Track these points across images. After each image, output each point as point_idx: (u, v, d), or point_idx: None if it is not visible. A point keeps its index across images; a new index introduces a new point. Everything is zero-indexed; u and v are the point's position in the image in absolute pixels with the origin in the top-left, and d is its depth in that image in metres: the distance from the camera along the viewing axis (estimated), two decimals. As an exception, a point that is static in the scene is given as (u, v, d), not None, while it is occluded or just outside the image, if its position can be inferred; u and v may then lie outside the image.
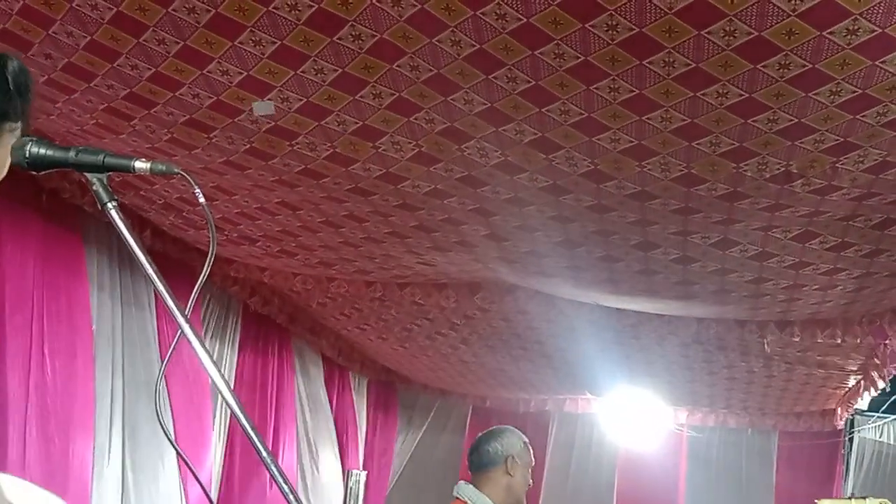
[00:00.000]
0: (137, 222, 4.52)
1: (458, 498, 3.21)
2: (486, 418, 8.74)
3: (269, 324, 6.27)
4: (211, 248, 1.37)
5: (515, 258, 4.34)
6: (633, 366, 6.35)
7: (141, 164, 1.37)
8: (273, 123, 3.10)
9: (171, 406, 4.88)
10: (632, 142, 2.94)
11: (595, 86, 2.63)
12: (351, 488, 5.92)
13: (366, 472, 6.46)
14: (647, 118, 2.78)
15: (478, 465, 3.25)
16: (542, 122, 2.89)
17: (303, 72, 2.75)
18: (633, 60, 2.47)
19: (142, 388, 4.74)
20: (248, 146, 3.33)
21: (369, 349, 7.32)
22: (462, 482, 3.27)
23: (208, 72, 2.80)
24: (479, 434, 3.41)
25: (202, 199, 1.37)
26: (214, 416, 5.52)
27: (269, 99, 2.92)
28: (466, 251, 4.31)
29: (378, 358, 7.66)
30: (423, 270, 4.79)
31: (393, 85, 2.78)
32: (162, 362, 4.86)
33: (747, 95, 2.56)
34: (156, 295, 4.80)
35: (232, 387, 5.92)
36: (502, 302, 5.10)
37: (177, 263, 4.68)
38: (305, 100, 2.92)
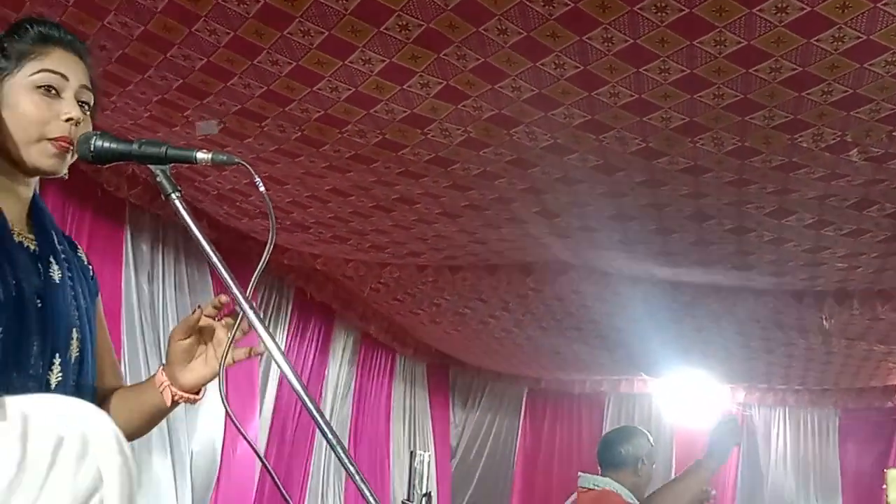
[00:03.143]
0: (192, 213, 4.59)
1: (593, 487, 3.33)
2: (541, 400, 8.78)
3: (323, 311, 6.36)
4: (271, 234, 1.40)
5: (568, 233, 4.33)
6: (688, 345, 6.31)
7: (202, 155, 1.40)
8: (323, 112, 3.13)
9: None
10: (684, 119, 2.93)
11: (645, 68, 2.62)
12: (416, 468, 5.94)
13: (430, 452, 6.54)
14: (699, 96, 2.77)
15: (609, 464, 3.37)
16: (591, 105, 2.89)
17: (350, 62, 2.77)
18: (684, 41, 2.47)
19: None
20: (299, 134, 3.36)
21: (423, 333, 7.37)
22: (595, 475, 3.36)
23: (258, 62, 2.84)
24: (610, 433, 3.65)
25: (262, 188, 1.39)
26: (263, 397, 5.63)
27: (318, 88, 2.96)
28: (518, 227, 4.30)
29: (431, 342, 7.70)
30: (475, 249, 4.80)
31: (440, 73, 2.80)
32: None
33: (801, 69, 2.54)
34: (212, 278, 4.97)
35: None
36: (555, 282, 5.11)
37: (231, 252, 4.75)
38: (354, 89, 2.95)
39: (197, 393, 1.52)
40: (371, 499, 1.24)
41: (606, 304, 5.50)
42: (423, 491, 1.59)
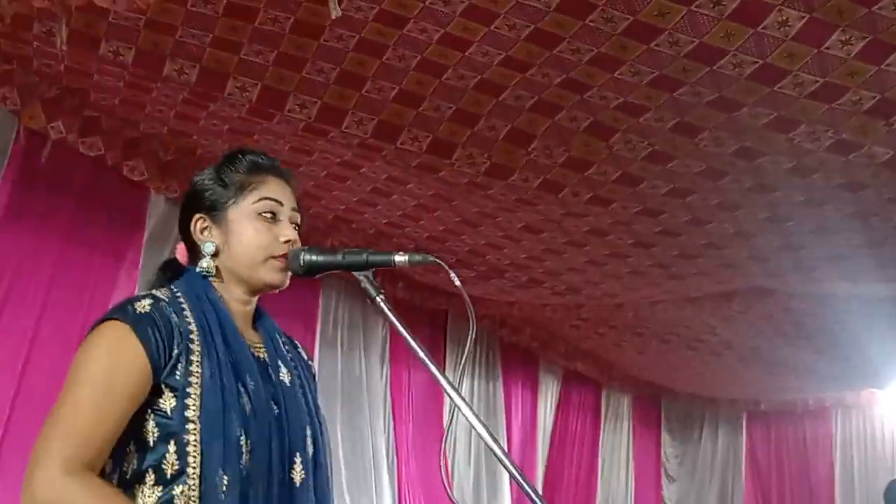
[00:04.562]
0: (390, 277, 4.78)
1: None
2: (763, 423, 8.38)
3: (527, 354, 6.41)
4: (472, 325, 1.46)
5: (768, 255, 4.14)
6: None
7: (400, 258, 1.49)
8: (509, 126, 3.07)
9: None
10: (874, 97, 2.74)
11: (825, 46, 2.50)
12: None
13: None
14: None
15: None
16: (774, 101, 2.78)
17: (531, 75, 2.76)
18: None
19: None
20: (487, 163, 3.32)
21: (628, 365, 7.25)
22: None
23: (445, 79, 2.81)
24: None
25: (458, 282, 1.46)
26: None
27: (503, 98, 2.90)
28: (715, 253, 4.16)
29: (638, 373, 7.56)
30: (673, 287, 4.70)
31: (616, 90, 2.77)
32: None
33: None
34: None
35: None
36: (761, 304, 4.91)
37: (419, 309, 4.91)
38: (537, 97, 2.89)
39: None
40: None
41: (819, 319, 5.22)
42: None
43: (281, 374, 1.58)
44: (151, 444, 1.41)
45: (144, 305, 1.46)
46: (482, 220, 3.97)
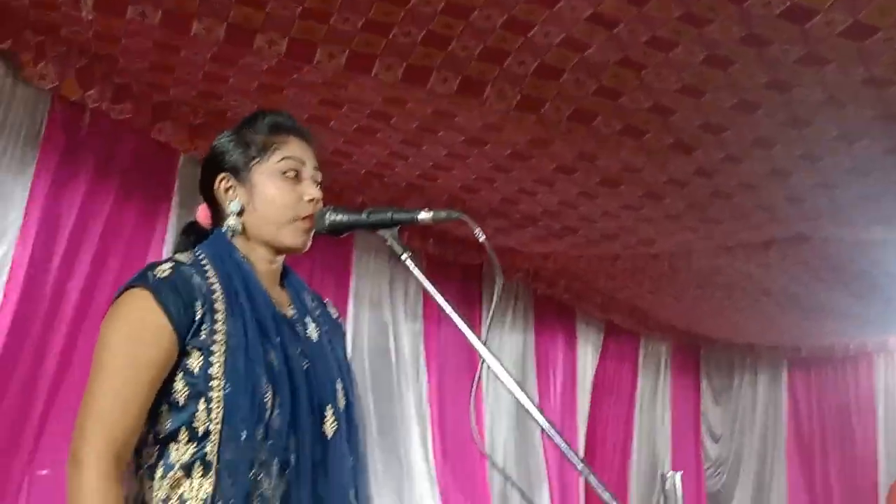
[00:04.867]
0: (419, 233, 4.78)
1: None
2: (804, 370, 8.33)
3: (563, 307, 6.40)
4: (497, 286, 1.47)
5: (803, 194, 4.07)
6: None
7: (424, 215, 1.50)
8: (538, 61, 3.03)
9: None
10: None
11: None
12: (667, 491, 5.70)
13: (681, 472, 6.27)
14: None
15: None
16: (804, 39, 2.72)
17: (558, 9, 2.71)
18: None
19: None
20: (518, 97, 3.27)
21: (665, 314, 7.23)
22: None
23: (472, 20, 2.81)
24: None
25: (482, 237, 1.46)
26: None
27: (531, 35, 2.90)
28: (750, 194, 4.09)
29: (676, 322, 7.54)
30: (709, 232, 4.65)
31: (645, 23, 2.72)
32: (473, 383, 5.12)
33: None
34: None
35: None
36: (798, 251, 4.85)
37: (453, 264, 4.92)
38: (565, 33, 2.85)
39: None
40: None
41: (857, 263, 5.15)
42: None
43: (308, 331, 1.61)
44: (182, 403, 1.44)
45: (165, 270, 1.48)
46: (514, 164, 3.92)
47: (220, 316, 1.47)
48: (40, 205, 3.10)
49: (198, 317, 1.45)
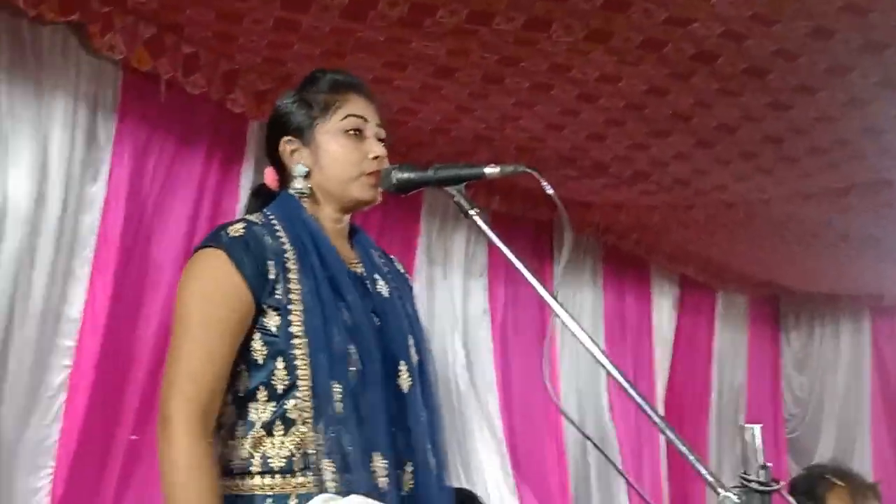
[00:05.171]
0: (486, 189, 4.75)
1: None
2: (888, 318, 8.10)
3: (636, 261, 6.32)
4: (567, 240, 1.46)
5: (882, 125, 3.89)
6: None
7: (491, 170, 1.49)
8: None
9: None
10: None
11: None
12: (747, 443, 5.65)
13: (760, 425, 6.19)
14: None
15: None
16: None
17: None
18: None
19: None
20: (586, 30, 3.17)
21: (742, 265, 7.09)
22: None
23: None
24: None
25: (550, 191, 1.45)
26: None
27: None
28: (827, 128, 3.92)
29: (753, 273, 7.38)
30: (785, 174, 4.49)
31: None
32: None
33: None
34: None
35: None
36: (879, 195, 4.69)
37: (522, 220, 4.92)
38: None
39: None
40: (703, 471, 1.24)
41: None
42: (760, 462, 1.55)
43: (378, 287, 1.63)
44: (261, 361, 1.47)
45: (238, 229, 1.51)
46: (582, 106, 3.83)
47: (293, 275, 1.49)
48: (123, 174, 3.17)
49: (271, 276, 1.48)
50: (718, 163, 4.42)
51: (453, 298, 4.92)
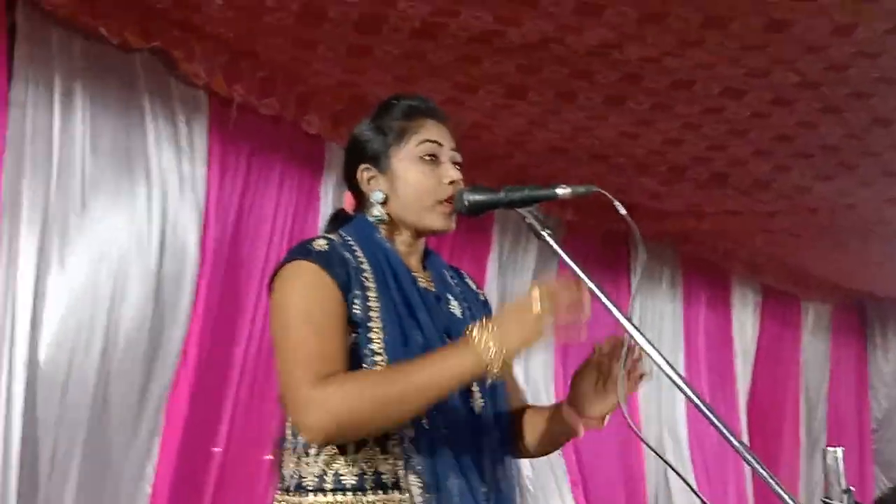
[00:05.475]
0: (559, 201, 4.70)
1: None
2: None
3: (715, 270, 6.21)
4: (639, 260, 1.45)
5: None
6: None
7: (562, 191, 1.49)
8: None
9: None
10: None
11: None
12: (829, 466, 5.46)
13: (842, 448, 5.98)
14: None
15: None
16: None
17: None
18: None
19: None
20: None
21: (826, 272, 6.89)
22: None
23: None
24: None
25: (623, 210, 1.44)
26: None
27: None
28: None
29: (838, 280, 7.16)
30: (868, 170, 4.33)
31: None
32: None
33: None
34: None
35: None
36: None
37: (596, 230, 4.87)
38: None
39: (603, 420, 1.60)
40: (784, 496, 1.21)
41: None
42: (843, 487, 1.48)
43: (451, 306, 1.64)
44: None
45: (321, 244, 1.54)
46: (655, 115, 3.79)
47: (371, 293, 1.51)
48: (215, 192, 3.33)
49: (355, 290, 1.50)
50: (799, 158, 4.28)
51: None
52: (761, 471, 1.22)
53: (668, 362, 1.34)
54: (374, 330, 1.49)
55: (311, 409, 1.39)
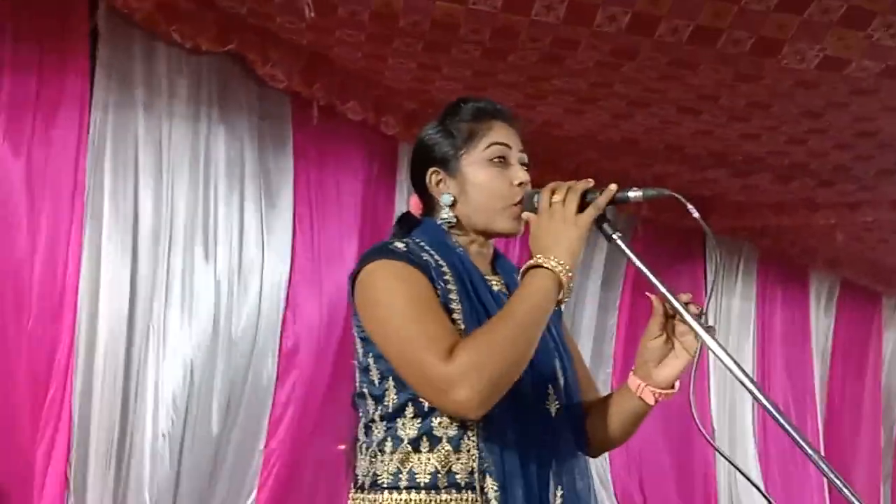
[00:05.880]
0: (634, 204, 4.66)
1: None
2: None
3: (793, 266, 6.06)
4: (714, 262, 1.43)
5: None
6: None
7: (634, 194, 1.48)
8: None
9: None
10: None
11: None
12: None
13: None
14: None
15: None
16: None
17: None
18: None
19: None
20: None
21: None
22: None
23: None
24: None
25: (696, 214, 1.43)
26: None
27: None
28: None
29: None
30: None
31: None
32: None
33: None
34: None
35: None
36: None
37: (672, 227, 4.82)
38: None
39: (672, 387, 1.56)
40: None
41: None
42: None
43: None
44: None
45: (400, 245, 1.54)
46: (734, 125, 3.77)
47: (453, 296, 1.51)
48: (302, 186, 3.51)
49: (437, 286, 1.50)
50: (886, 148, 4.13)
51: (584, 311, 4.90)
52: (834, 478, 1.19)
53: (742, 370, 1.32)
54: (458, 329, 1.48)
55: (456, 385, 1.37)
